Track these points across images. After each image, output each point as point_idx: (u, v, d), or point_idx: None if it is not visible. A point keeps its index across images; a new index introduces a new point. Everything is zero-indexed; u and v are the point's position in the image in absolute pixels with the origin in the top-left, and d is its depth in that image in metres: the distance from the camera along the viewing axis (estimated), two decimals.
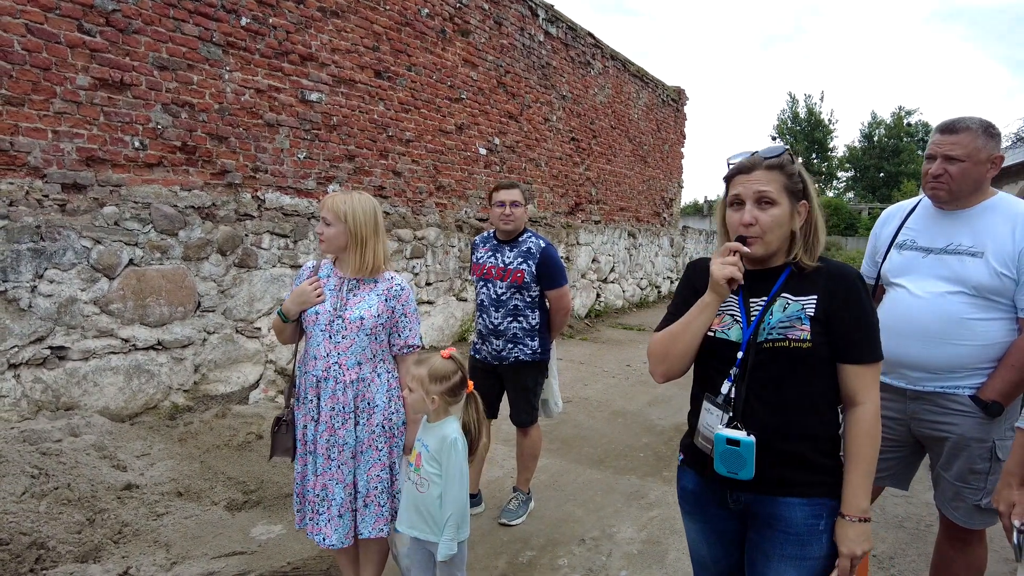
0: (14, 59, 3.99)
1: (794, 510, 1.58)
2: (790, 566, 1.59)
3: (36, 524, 2.79)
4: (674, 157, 14.57)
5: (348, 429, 2.35)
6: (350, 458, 2.36)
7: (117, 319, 4.14)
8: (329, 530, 2.33)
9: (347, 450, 2.35)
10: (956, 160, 2.16)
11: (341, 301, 2.38)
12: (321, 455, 2.34)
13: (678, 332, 1.65)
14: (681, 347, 1.63)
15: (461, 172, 7.90)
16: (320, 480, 2.35)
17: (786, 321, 1.57)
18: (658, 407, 5.89)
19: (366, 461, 2.38)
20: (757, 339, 1.58)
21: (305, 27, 5.73)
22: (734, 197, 1.61)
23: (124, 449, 3.65)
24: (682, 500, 1.81)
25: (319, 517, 2.35)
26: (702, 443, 1.64)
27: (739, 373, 1.58)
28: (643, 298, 12.76)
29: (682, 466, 1.79)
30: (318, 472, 2.35)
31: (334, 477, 2.34)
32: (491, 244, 3.54)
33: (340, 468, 2.35)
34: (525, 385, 3.51)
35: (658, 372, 1.71)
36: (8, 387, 3.62)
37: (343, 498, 2.34)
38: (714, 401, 1.61)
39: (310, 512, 2.39)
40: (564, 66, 9.93)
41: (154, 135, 4.72)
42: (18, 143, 4.05)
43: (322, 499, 2.35)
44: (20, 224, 3.75)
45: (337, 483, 2.34)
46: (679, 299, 1.76)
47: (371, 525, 2.39)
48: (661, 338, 1.70)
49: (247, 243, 5.03)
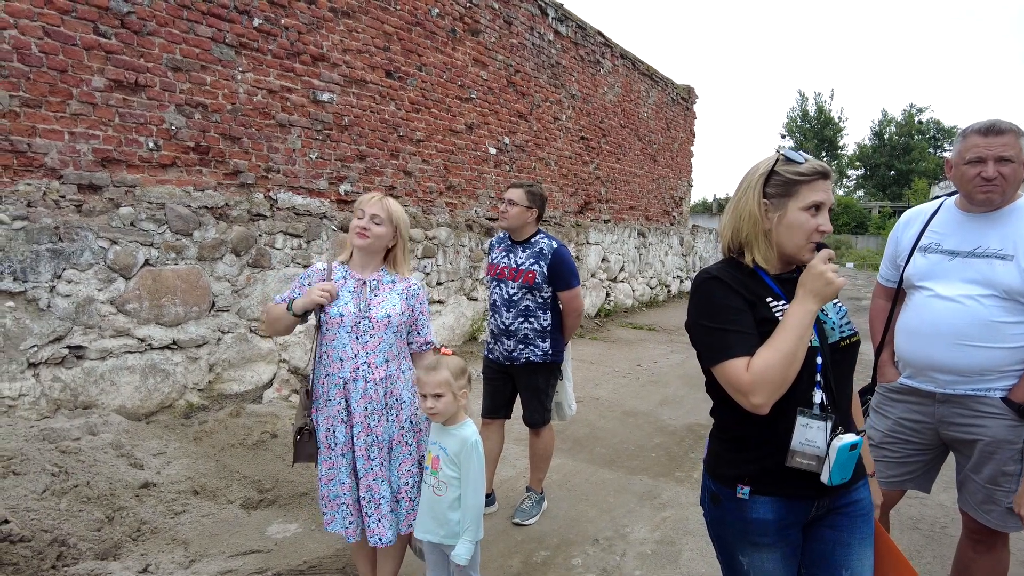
0: (31, 61, 4.03)
1: (864, 490, 1.66)
2: (867, 545, 1.64)
3: (57, 521, 2.83)
4: (684, 156, 14.53)
5: (384, 426, 2.38)
6: (387, 454, 2.39)
7: (133, 319, 4.18)
8: (383, 529, 2.35)
9: (384, 447, 2.38)
10: (1008, 161, 2.13)
11: (365, 302, 2.40)
12: (361, 456, 2.35)
13: (794, 349, 1.46)
14: (798, 365, 1.47)
15: (471, 172, 7.90)
16: (364, 481, 2.36)
17: (844, 317, 1.66)
18: (669, 407, 5.88)
19: (397, 457, 2.41)
20: (828, 340, 1.60)
21: (317, 28, 5.76)
22: (815, 204, 1.54)
23: (141, 448, 3.68)
24: (757, 534, 1.59)
25: (369, 519, 2.36)
26: (803, 462, 1.51)
27: (823, 375, 1.55)
28: (653, 297, 12.75)
29: (752, 498, 1.58)
30: (360, 473, 2.36)
31: (378, 476, 2.36)
32: (505, 244, 3.55)
33: (382, 466, 2.37)
34: (536, 386, 3.51)
35: (771, 402, 1.46)
36: (28, 386, 3.67)
37: (390, 495, 2.37)
38: (811, 414, 1.52)
39: (349, 515, 2.39)
40: (574, 65, 9.91)
41: (168, 136, 4.75)
42: (35, 144, 4.09)
43: (369, 500, 2.37)
44: (39, 225, 3.79)
45: (382, 481, 2.36)
46: (733, 313, 1.53)
47: (404, 520, 2.42)
48: (772, 362, 1.45)
49: (261, 243, 5.06)
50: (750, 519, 1.58)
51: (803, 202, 1.53)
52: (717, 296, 1.56)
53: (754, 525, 1.58)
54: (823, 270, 1.48)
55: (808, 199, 1.53)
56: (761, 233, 1.59)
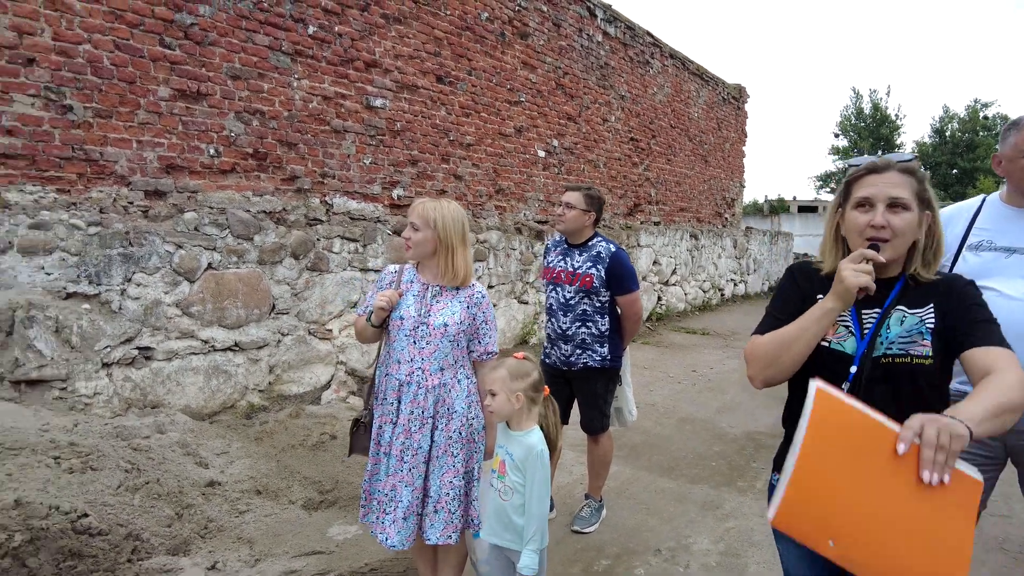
0: (103, 74, 4.20)
1: None
2: None
3: (131, 516, 2.90)
4: (735, 156, 14.21)
5: (424, 434, 2.36)
6: (422, 462, 2.36)
7: (197, 321, 4.30)
8: (392, 531, 2.34)
9: (420, 454, 2.36)
10: None
11: (425, 307, 2.40)
12: (395, 457, 2.36)
13: (791, 337, 1.53)
14: (793, 354, 1.53)
15: (520, 175, 7.89)
16: (390, 481, 2.37)
17: (907, 336, 1.52)
18: (728, 414, 5.71)
19: (440, 466, 2.38)
20: (873, 353, 1.52)
21: (369, 34, 5.83)
22: (862, 199, 1.54)
23: (205, 447, 3.77)
24: None
25: (384, 517, 2.37)
26: None
27: (851, 388, 1.50)
28: (706, 301, 12.46)
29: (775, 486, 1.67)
30: (389, 472, 2.37)
31: (404, 480, 2.35)
32: (562, 248, 3.50)
33: (411, 471, 2.36)
34: (595, 392, 3.45)
35: (759, 378, 1.60)
36: (102, 385, 3.81)
37: (409, 501, 2.34)
38: None
39: (376, 511, 2.41)
40: (623, 66, 9.81)
41: (228, 143, 4.88)
42: (107, 153, 4.25)
43: (389, 499, 2.36)
44: (111, 230, 3.93)
45: (406, 485, 2.35)
46: (781, 302, 1.69)
47: (439, 531, 2.37)
48: (768, 341, 1.58)
49: (319, 247, 5.15)
50: None
51: (854, 200, 1.57)
52: (783, 284, 1.73)
53: None
54: (842, 267, 1.47)
55: (857, 195, 1.56)
56: (831, 238, 1.66)
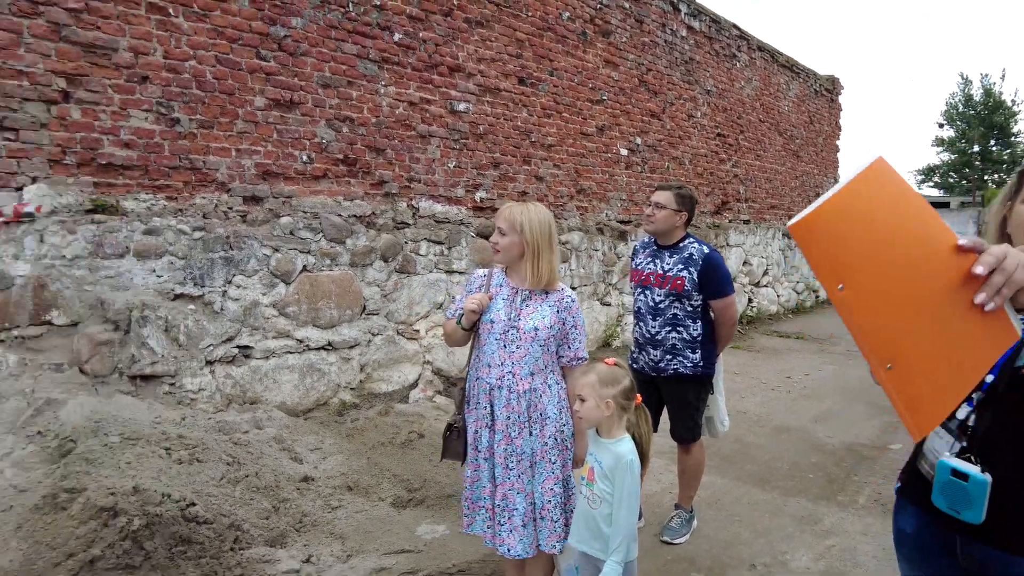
0: (206, 87, 4.44)
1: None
2: None
3: (233, 507, 3.04)
4: (829, 150, 13.48)
5: (524, 438, 2.34)
6: (528, 467, 2.34)
7: (293, 321, 4.48)
8: (513, 540, 2.33)
9: (525, 460, 2.34)
10: None
11: (515, 311, 2.37)
12: (499, 464, 2.35)
13: None
14: None
15: (602, 174, 7.77)
16: (500, 490, 2.36)
17: None
18: (826, 424, 5.38)
19: (540, 473, 2.36)
20: (1015, 363, 1.32)
21: (452, 39, 5.90)
22: None
23: (300, 443, 3.91)
24: (898, 544, 1.55)
25: (501, 528, 2.36)
26: (926, 468, 1.44)
27: (983, 399, 1.33)
28: (800, 303, 11.84)
29: (899, 498, 1.55)
30: (497, 481, 2.36)
31: (514, 487, 2.34)
32: (651, 249, 3.39)
33: (520, 478, 2.34)
34: (685, 399, 3.32)
35: None
36: (206, 381, 4.03)
37: (525, 508, 2.33)
38: (947, 424, 1.38)
39: (488, 520, 2.40)
40: (708, 60, 9.50)
41: (319, 149, 5.06)
42: (209, 162, 4.50)
43: (503, 509, 2.35)
44: (213, 235, 4.16)
45: (518, 493, 2.34)
46: None
47: (545, 539, 2.35)
48: None
49: (406, 250, 5.26)
50: (896, 526, 1.56)
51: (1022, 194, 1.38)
52: None
53: (897, 535, 1.56)
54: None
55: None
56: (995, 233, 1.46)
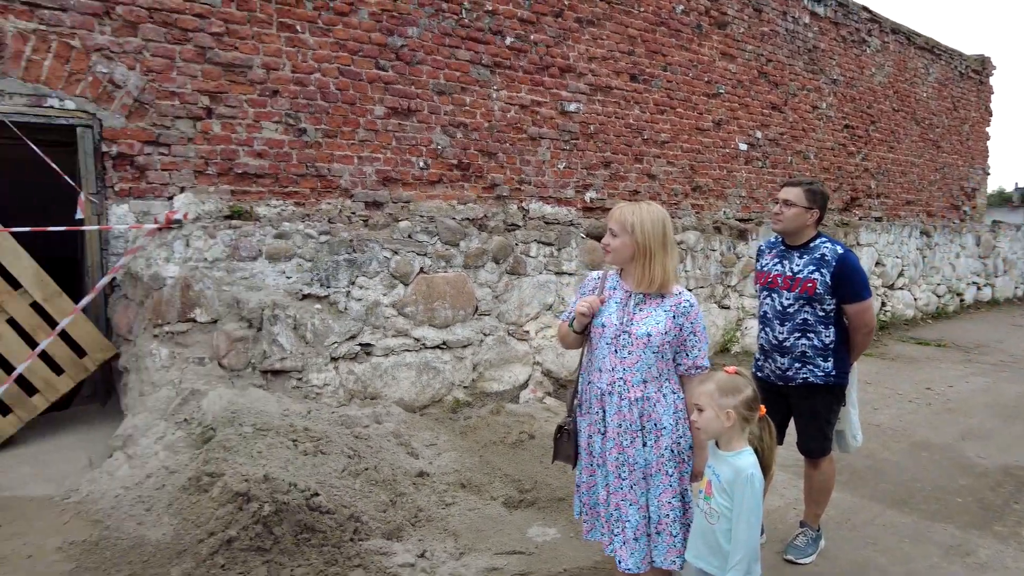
0: (330, 98, 4.71)
1: None
2: None
3: (353, 499, 3.18)
4: (976, 139, 12.14)
5: (637, 448, 2.25)
6: (641, 479, 2.26)
7: (410, 320, 4.65)
8: (624, 553, 2.26)
9: (638, 470, 2.26)
10: None
11: (628, 316, 2.29)
12: (612, 472, 2.28)
13: None
14: None
15: (719, 170, 7.46)
16: (613, 499, 2.29)
17: None
18: (975, 442, 4.84)
19: (656, 486, 2.26)
20: None
21: (563, 39, 5.89)
22: None
23: (416, 438, 4.03)
24: None
25: (615, 538, 2.30)
26: None
27: None
28: (940, 307, 10.73)
29: None
30: (611, 489, 2.30)
31: (627, 498, 2.26)
32: (778, 250, 3.19)
33: (632, 489, 2.26)
34: (815, 411, 3.09)
35: None
36: (330, 377, 4.26)
37: (638, 521, 2.25)
38: None
39: (602, 528, 2.35)
40: (834, 47, 8.86)
41: (435, 155, 5.22)
42: (333, 169, 4.77)
43: (616, 520, 2.29)
44: (338, 239, 4.40)
45: (631, 504, 2.26)
46: None
47: (663, 554, 2.25)
48: None
49: (517, 251, 5.32)
50: None
51: None
52: None
53: None
54: None
55: None
56: None
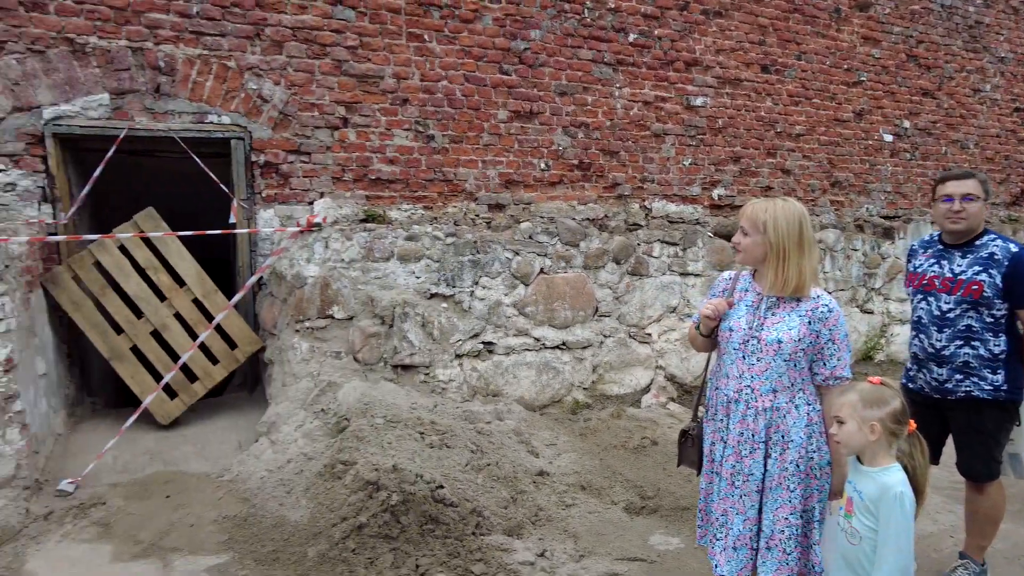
0: (456, 104, 4.87)
1: None
2: None
3: (475, 494, 3.25)
4: None
5: (756, 460, 2.13)
6: (755, 491, 2.14)
7: (531, 320, 4.72)
8: (722, 559, 2.18)
9: (752, 481, 2.14)
10: None
11: (758, 320, 2.16)
12: (725, 479, 2.20)
13: None
14: None
15: (861, 164, 6.89)
16: (721, 505, 2.22)
17: None
18: None
19: (774, 499, 2.13)
20: None
21: (689, 32, 5.70)
22: None
23: (536, 437, 4.07)
24: None
25: (716, 542, 2.23)
26: None
27: None
28: None
29: None
30: (721, 495, 2.22)
31: (734, 506, 2.17)
32: (934, 249, 2.89)
33: (742, 499, 2.15)
34: (982, 429, 2.76)
35: None
36: (455, 373, 4.42)
37: (740, 531, 2.14)
38: None
39: (711, 533, 2.28)
40: (1003, 21, 7.87)
41: (556, 156, 5.24)
42: (459, 173, 4.92)
43: (721, 525, 2.22)
44: (463, 240, 4.54)
45: (737, 513, 2.16)
46: None
47: (772, 571, 2.12)
48: None
49: (638, 252, 5.22)
50: None
51: None
52: None
53: None
54: None
55: None
56: None
